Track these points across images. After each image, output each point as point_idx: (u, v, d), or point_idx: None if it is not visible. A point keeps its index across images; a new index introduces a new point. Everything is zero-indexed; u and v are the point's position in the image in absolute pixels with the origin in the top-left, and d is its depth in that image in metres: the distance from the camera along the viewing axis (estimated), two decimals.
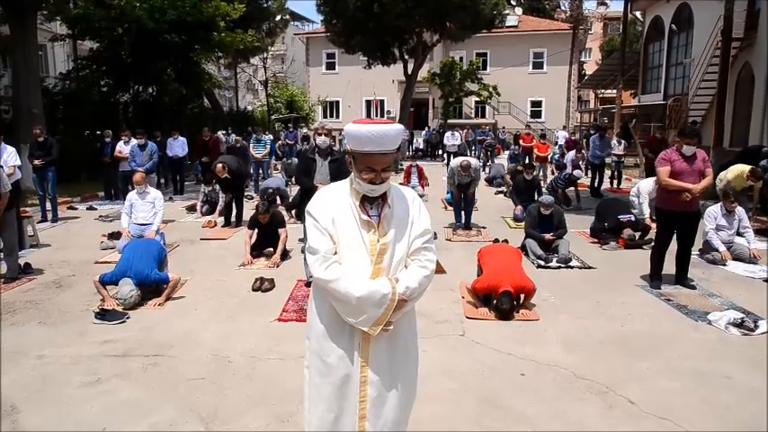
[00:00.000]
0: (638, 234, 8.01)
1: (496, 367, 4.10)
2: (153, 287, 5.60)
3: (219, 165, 9.20)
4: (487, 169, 16.96)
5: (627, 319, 5.07)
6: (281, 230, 7.18)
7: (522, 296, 5.32)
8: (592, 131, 16.57)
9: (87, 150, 15.18)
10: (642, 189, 8.71)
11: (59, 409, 3.51)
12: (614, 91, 24.04)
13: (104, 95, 18.65)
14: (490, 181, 15.28)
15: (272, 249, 7.21)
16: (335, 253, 2.24)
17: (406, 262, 2.32)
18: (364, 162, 2.19)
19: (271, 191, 9.58)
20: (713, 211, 7.39)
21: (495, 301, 5.19)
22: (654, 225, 8.37)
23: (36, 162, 9.72)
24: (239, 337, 4.67)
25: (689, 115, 18.64)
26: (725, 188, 8.63)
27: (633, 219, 8.20)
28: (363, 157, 2.18)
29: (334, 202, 2.29)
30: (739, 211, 7.38)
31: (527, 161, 17.15)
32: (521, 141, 18.01)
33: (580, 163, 15.25)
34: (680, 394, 3.67)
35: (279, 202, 10.08)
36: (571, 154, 15.21)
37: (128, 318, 5.08)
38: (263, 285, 5.96)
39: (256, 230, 7.24)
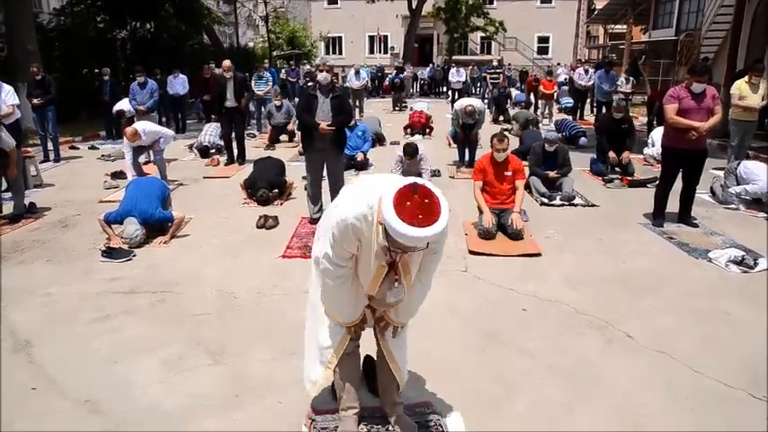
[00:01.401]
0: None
1: (499, 303, 4.16)
2: (157, 226, 5.63)
3: (227, 61, 9.13)
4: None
5: (629, 257, 5.11)
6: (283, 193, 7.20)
7: (517, 186, 5.76)
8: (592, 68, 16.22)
9: (86, 89, 14.96)
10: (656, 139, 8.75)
11: (70, 343, 3.59)
12: (624, 26, 23.34)
13: (101, 32, 18.19)
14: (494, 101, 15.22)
15: (276, 191, 7.17)
16: (352, 263, 2.32)
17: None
18: (397, 245, 2.06)
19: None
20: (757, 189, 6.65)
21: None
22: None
23: (35, 101, 9.58)
24: (244, 273, 4.74)
25: (701, 52, 18.12)
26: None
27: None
28: (397, 243, 2.04)
29: (359, 233, 2.18)
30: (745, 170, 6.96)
31: (531, 99, 16.93)
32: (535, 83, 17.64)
33: (587, 102, 15.07)
34: (678, 330, 3.73)
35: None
36: (580, 70, 15.12)
37: (134, 256, 5.13)
38: (267, 223, 5.99)
39: None
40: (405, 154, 7.08)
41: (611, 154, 8.37)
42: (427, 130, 12.90)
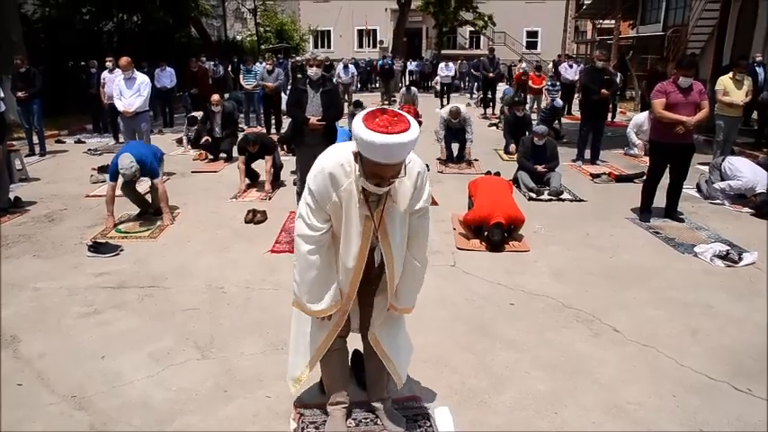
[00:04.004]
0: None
1: (487, 297, 4.19)
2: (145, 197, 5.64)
3: (216, 95, 9.19)
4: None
5: (615, 251, 5.15)
6: (267, 157, 7.13)
7: (513, 227, 5.37)
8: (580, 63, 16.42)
9: (73, 82, 14.76)
10: (634, 120, 8.79)
11: (58, 338, 3.58)
12: (613, 21, 23.42)
13: (87, 24, 17.96)
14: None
15: (263, 179, 7.18)
16: (330, 226, 2.28)
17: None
18: (372, 169, 2.05)
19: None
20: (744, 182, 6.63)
21: (486, 233, 5.24)
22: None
23: (20, 94, 9.45)
24: (233, 268, 4.73)
25: (688, 47, 18.25)
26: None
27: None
28: (372, 165, 2.04)
29: (337, 184, 2.18)
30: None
31: (520, 93, 16.99)
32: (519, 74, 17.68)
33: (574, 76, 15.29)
34: (663, 322, 3.78)
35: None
36: (565, 64, 15.33)
37: (121, 250, 5.11)
38: (256, 217, 5.98)
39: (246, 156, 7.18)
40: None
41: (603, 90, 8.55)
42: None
